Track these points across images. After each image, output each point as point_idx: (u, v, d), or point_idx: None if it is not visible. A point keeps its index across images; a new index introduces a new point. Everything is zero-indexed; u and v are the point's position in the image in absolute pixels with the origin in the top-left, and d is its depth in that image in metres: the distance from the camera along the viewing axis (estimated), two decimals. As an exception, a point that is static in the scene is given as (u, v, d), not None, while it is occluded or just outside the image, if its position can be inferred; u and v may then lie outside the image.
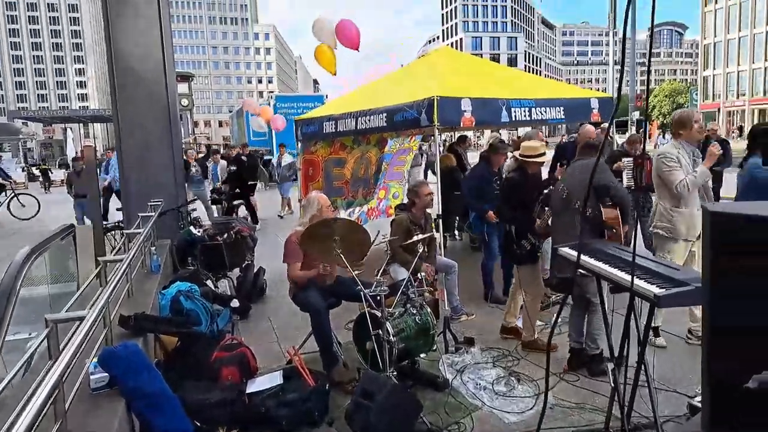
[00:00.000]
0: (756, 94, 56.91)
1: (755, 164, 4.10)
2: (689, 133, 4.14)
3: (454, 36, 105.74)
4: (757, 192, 4.22)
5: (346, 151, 8.39)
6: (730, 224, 1.78)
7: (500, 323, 4.96)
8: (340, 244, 3.70)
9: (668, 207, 4.17)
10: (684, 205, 4.11)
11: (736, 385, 1.88)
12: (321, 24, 6.51)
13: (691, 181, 3.98)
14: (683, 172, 4.03)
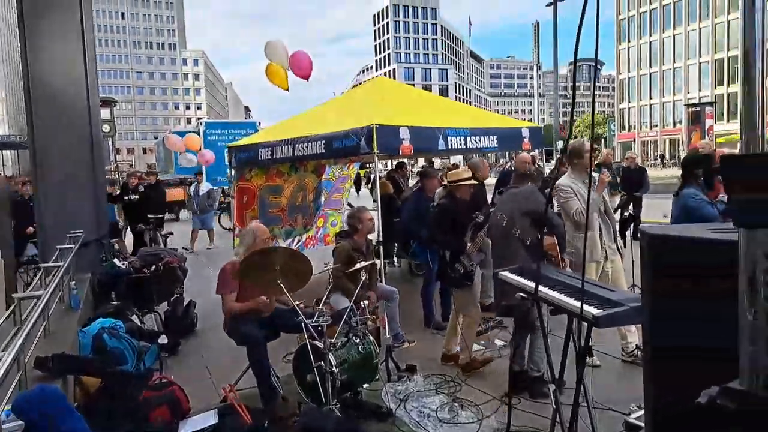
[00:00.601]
0: (666, 126, 61.66)
1: (689, 194, 4.27)
2: (582, 162, 4.42)
3: (387, 66, 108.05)
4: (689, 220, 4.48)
5: (282, 178, 8.27)
6: (666, 246, 1.85)
7: (441, 349, 4.95)
8: (280, 273, 3.57)
9: (572, 234, 4.39)
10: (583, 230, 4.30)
11: (678, 403, 1.94)
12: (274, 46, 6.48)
13: (583, 209, 4.24)
14: (578, 200, 4.30)
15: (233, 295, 4.03)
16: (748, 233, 1.03)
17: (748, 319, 1.04)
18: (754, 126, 1.01)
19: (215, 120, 45.68)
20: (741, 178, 1.02)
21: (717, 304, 1.74)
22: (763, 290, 1.02)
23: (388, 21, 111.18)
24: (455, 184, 4.78)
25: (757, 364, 1.04)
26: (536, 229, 4.02)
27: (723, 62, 55.50)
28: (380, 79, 8.73)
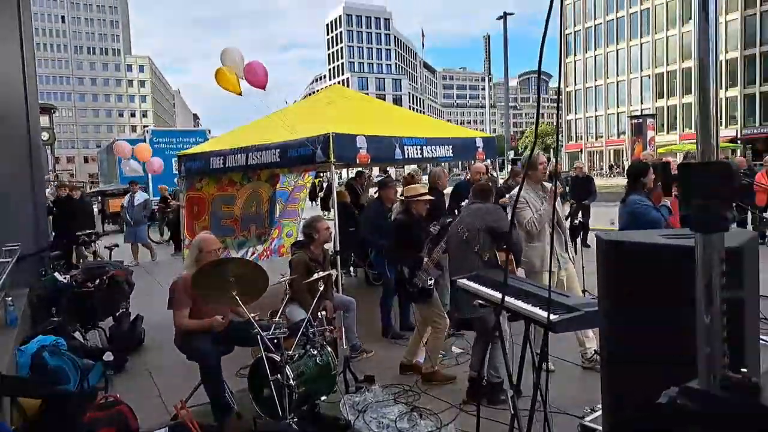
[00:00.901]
0: (611, 137, 64.26)
1: (635, 200, 4.51)
2: (536, 173, 4.58)
3: (341, 75, 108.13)
4: (637, 224, 4.71)
5: (235, 187, 8.09)
6: (620, 252, 1.89)
7: (399, 358, 4.93)
8: (235, 285, 3.47)
9: (525, 243, 4.51)
10: (536, 240, 4.49)
11: (634, 405, 1.98)
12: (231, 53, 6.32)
13: (537, 219, 4.38)
14: (531, 210, 4.43)
15: (186, 311, 3.88)
16: (704, 238, 1.05)
17: (705, 322, 1.06)
18: (708, 135, 1.04)
19: (162, 128, 44.44)
20: (696, 185, 1.04)
21: (671, 307, 1.80)
22: (719, 293, 1.05)
23: (341, 30, 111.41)
24: (412, 199, 4.81)
25: (714, 365, 1.06)
26: (494, 246, 4.12)
27: (663, 76, 58.44)
28: (336, 87, 8.69)
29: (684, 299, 1.79)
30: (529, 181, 4.58)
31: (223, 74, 6.15)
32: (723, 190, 1.01)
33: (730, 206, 1.01)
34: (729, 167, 0.99)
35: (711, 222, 1.03)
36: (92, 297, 5.44)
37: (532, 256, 4.49)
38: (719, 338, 1.05)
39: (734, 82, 51.73)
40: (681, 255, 1.71)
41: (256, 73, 6.18)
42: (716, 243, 1.04)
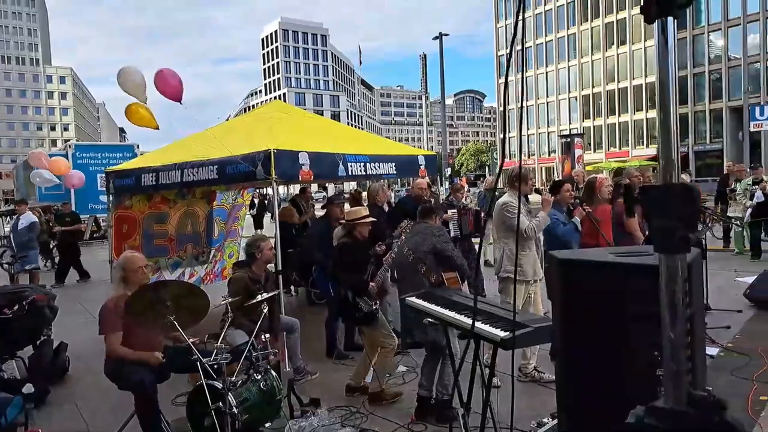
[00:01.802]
0: (543, 155, 67.08)
1: (550, 215, 4.73)
2: (525, 187, 4.67)
3: (277, 90, 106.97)
4: (549, 238, 4.99)
5: (168, 205, 7.73)
6: (573, 269, 1.94)
7: (345, 379, 4.84)
8: (172, 309, 3.28)
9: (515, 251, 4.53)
10: (528, 248, 4.59)
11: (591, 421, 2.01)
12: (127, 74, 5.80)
13: (536, 225, 4.51)
14: (525, 218, 4.54)
15: (118, 335, 3.64)
16: (667, 258, 1.06)
17: (669, 337, 1.07)
18: (670, 153, 1.06)
19: (86, 143, 42.16)
20: (659, 207, 1.06)
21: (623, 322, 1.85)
22: (683, 312, 1.06)
23: (277, 45, 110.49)
24: (354, 222, 4.79)
25: (680, 382, 1.07)
26: (440, 266, 4.17)
27: (589, 98, 61.80)
28: (277, 102, 8.56)
29: (632, 314, 1.86)
30: (514, 193, 4.65)
31: (136, 111, 5.78)
32: (685, 212, 1.03)
33: (693, 228, 1.03)
34: (690, 190, 1.02)
35: (674, 243, 1.04)
36: (10, 324, 4.99)
37: (525, 264, 4.57)
38: (684, 355, 1.06)
39: (654, 104, 55.57)
40: (630, 272, 1.78)
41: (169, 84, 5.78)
42: (679, 263, 1.05)
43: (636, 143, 58.51)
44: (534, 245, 4.65)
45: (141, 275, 3.86)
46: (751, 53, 48.61)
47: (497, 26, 72.05)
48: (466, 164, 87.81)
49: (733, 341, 5.45)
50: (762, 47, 47.73)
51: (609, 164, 48.69)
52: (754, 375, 4.50)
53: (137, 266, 3.88)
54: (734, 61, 49.40)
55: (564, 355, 1.95)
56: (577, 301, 1.81)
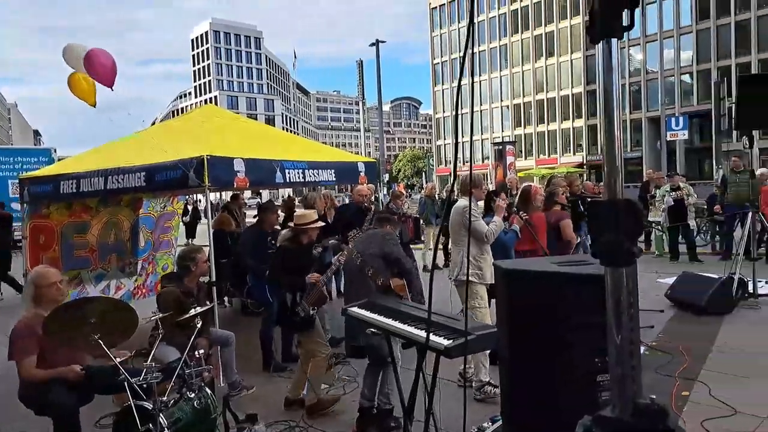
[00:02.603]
0: (477, 162, 68.88)
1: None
2: (479, 192, 4.81)
3: (208, 93, 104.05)
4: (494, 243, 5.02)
5: (90, 213, 7.26)
6: (517, 279, 1.96)
7: (283, 392, 4.71)
8: (97, 327, 3.05)
9: (475, 255, 4.63)
10: (486, 252, 4.67)
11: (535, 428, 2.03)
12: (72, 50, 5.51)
13: (494, 229, 4.60)
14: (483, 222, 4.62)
15: (33, 358, 3.35)
16: (612, 271, 1.08)
17: (616, 343, 1.09)
18: (615, 167, 1.07)
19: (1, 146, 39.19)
20: (604, 221, 1.07)
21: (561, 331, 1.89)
22: (627, 320, 1.08)
23: (208, 46, 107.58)
24: (303, 227, 4.68)
25: (625, 389, 1.08)
26: (388, 271, 4.14)
27: (520, 107, 64.19)
28: (210, 107, 8.29)
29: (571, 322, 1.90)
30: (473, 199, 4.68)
31: (79, 82, 5.43)
32: (629, 226, 1.05)
33: (636, 241, 1.05)
34: (634, 205, 1.04)
35: (619, 257, 1.06)
36: None
37: (484, 267, 4.63)
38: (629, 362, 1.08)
39: (579, 114, 58.47)
40: (568, 282, 1.83)
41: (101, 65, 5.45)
42: (625, 275, 1.07)
43: (564, 151, 61.31)
44: (490, 249, 4.73)
45: (55, 292, 3.58)
46: (667, 67, 52.29)
47: (432, 35, 73.60)
48: (404, 170, 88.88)
49: (656, 340, 5.75)
50: (676, 62, 51.42)
51: (539, 171, 50.79)
52: (677, 372, 4.75)
53: (51, 282, 3.60)
54: (652, 75, 52.88)
55: (506, 365, 1.96)
56: (518, 310, 1.83)
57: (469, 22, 1.34)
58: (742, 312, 6.66)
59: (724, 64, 47.71)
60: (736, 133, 27.26)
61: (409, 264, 4.41)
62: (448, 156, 73.57)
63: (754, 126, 6.88)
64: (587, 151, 58.49)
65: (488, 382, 4.54)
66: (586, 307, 1.63)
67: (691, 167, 43.91)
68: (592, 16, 1.07)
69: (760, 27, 46.29)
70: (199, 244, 12.81)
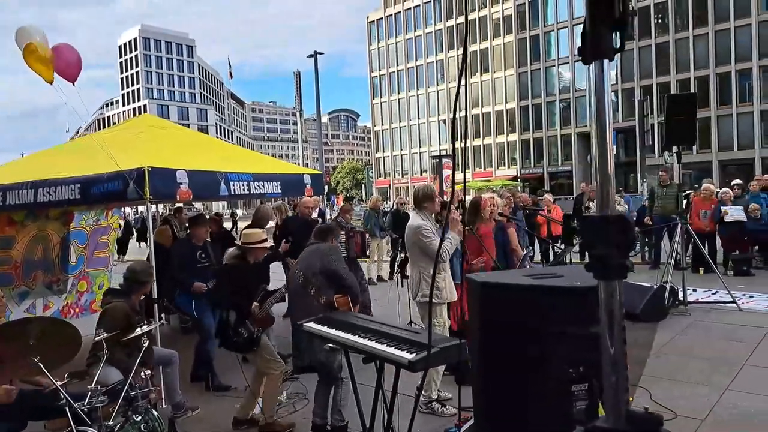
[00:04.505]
0: (415, 174, 69.92)
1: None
2: (432, 205, 4.59)
3: (137, 102, 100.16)
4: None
5: (14, 227, 6.79)
6: (490, 292, 1.99)
7: (230, 411, 4.55)
8: (36, 349, 2.83)
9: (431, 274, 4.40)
10: (444, 270, 4.48)
11: None
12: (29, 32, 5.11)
13: (449, 248, 4.40)
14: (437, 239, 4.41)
15: (-41, 385, 3.07)
16: (605, 284, 1.12)
17: (610, 353, 1.12)
18: (608, 185, 1.11)
19: None
20: (597, 236, 1.11)
21: (539, 341, 1.93)
22: (620, 330, 1.12)
23: (136, 53, 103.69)
24: (250, 246, 4.57)
25: (619, 398, 1.11)
26: (331, 288, 4.06)
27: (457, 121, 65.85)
28: (148, 116, 7.97)
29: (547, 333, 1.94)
30: (425, 213, 4.55)
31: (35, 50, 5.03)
32: (621, 240, 1.09)
33: (627, 255, 1.09)
34: (626, 220, 1.08)
35: (612, 270, 1.10)
36: None
37: (442, 286, 4.44)
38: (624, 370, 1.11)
39: (513, 129, 60.69)
40: (543, 293, 1.88)
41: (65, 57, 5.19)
42: (616, 287, 1.11)
43: (499, 164, 63.30)
44: (448, 267, 4.60)
45: None
46: (594, 85, 55.18)
47: (370, 48, 74.34)
48: (342, 182, 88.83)
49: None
50: (604, 80, 54.39)
51: (475, 183, 52.09)
52: None
53: None
54: (580, 92, 55.59)
55: (477, 377, 1.98)
56: (490, 322, 1.86)
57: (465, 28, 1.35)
58: (674, 319, 7.00)
59: (646, 83, 50.87)
60: (658, 149, 29.18)
61: (350, 280, 4.29)
62: (387, 168, 74.17)
63: (682, 142, 7.33)
64: (521, 165, 60.69)
65: (437, 398, 4.49)
66: (561, 319, 1.67)
67: (618, 180, 46.60)
68: (583, 39, 1.12)
69: (678, 49, 49.77)
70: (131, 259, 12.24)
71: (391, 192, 68.11)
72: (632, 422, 1.09)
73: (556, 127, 58.16)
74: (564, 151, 57.96)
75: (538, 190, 30.99)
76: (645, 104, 19.59)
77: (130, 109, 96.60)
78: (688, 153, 43.54)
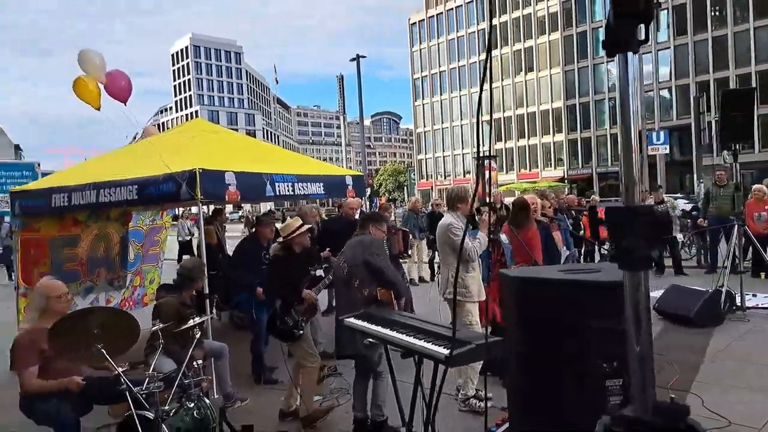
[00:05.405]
0: (458, 176, 69.34)
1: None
2: (465, 206, 4.63)
3: (189, 108, 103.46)
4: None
5: (79, 227, 7.23)
6: (525, 286, 2.03)
7: (276, 404, 4.71)
8: (100, 337, 3.06)
9: (462, 273, 4.45)
10: (473, 269, 4.52)
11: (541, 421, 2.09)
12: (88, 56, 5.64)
13: (478, 246, 4.46)
14: (468, 239, 4.45)
15: (34, 370, 3.33)
16: (631, 275, 1.15)
17: (635, 350, 1.15)
18: (632, 176, 1.14)
19: (-17, 160, 38.43)
20: (623, 227, 1.15)
21: (575, 336, 1.95)
22: (646, 322, 1.15)
23: (188, 62, 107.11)
24: (290, 236, 4.70)
25: (646, 390, 1.15)
26: (373, 280, 4.09)
27: (500, 121, 64.91)
28: (200, 121, 8.29)
29: (583, 328, 1.97)
30: (458, 213, 4.61)
31: (84, 85, 5.50)
32: (647, 232, 1.12)
33: (653, 246, 1.13)
34: (653, 211, 1.11)
35: (637, 260, 1.13)
36: None
37: (471, 284, 4.48)
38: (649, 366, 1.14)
39: (560, 128, 59.35)
40: (578, 288, 1.90)
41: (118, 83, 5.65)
42: (642, 279, 1.15)
43: (545, 165, 62.00)
44: (478, 266, 4.61)
45: (64, 303, 3.62)
46: (645, 82, 53.24)
47: (412, 50, 74.31)
48: (385, 185, 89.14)
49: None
50: (654, 77, 52.43)
51: (520, 185, 51.25)
52: (669, 384, 4.65)
53: (60, 294, 3.63)
54: (631, 89, 53.73)
55: (514, 373, 2.03)
56: (526, 318, 1.90)
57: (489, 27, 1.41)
58: (730, 324, 6.68)
59: (703, 79, 48.75)
60: (717, 147, 27.89)
61: (392, 274, 4.29)
62: (429, 170, 73.88)
63: (737, 139, 7.04)
64: (568, 165, 59.20)
65: (474, 395, 4.49)
66: (596, 314, 1.70)
67: (672, 182, 44.78)
68: (607, 32, 1.13)
69: (737, 42, 47.49)
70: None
71: (433, 194, 67.86)
72: (659, 412, 1.12)
73: (605, 126, 56.46)
74: (614, 151, 56.23)
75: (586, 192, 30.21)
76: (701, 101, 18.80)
77: (183, 115, 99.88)
78: (749, 152, 41.47)
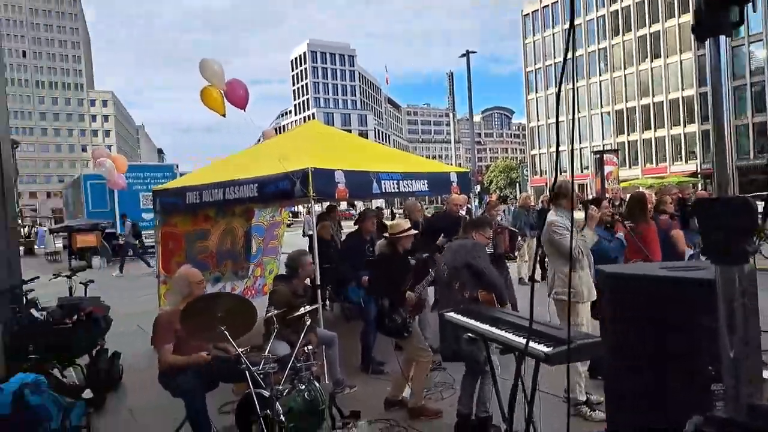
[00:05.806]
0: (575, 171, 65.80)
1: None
2: (568, 202, 4.48)
3: (306, 111, 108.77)
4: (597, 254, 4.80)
5: (209, 222, 8.01)
6: (622, 283, 1.97)
7: (382, 393, 4.89)
8: (223, 320, 3.42)
9: (567, 272, 4.22)
10: (581, 268, 4.31)
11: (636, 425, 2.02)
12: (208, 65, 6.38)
13: (582, 245, 4.26)
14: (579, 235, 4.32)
15: (170, 347, 3.80)
16: (723, 270, 1.10)
17: (729, 355, 1.09)
18: (724, 166, 1.10)
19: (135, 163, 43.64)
20: (717, 219, 1.10)
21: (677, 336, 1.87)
22: (741, 321, 1.10)
23: (306, 67, 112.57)
24: (397, 236, 4.85)
25: (739, 397, 1.09)
26: (475, 283, 4.10)
27: (623, 113, 60.65)
28: (313, 123, 8.77)
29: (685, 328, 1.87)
30: (561, 209, 4.44)
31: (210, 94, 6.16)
32: (742, 224, 1.07)
33: (750, 239, 1.07)
34: (748, 202, 1.05)
35: (732, 254, 1.07)
36: (70, 334, 5.24)
37: (579, 284, 4.29)
38: (744, 371, 1.08)
39: (692, 118, 54.12)
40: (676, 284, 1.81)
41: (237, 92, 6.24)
42: (736, 275, 1.08)
43: (674, 159, 56.99)
44: (587, 264, 4.38)
45: (203, 287, 4.12)
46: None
47: (525, 42, 71.86)
48: (496, 181, 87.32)
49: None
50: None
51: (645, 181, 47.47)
52: None
53: (199, 280, 4.15)
54: (777, 73, 47.77)
55: (611, 374, 1.98)
56: (623, 316, 1.84)
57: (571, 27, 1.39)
58: None
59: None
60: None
61: (494, 277, 4.24)
62: (543, 166, 71.12)
63: None
64: (702, 159, 53.70)
65: (584, 401, 4.34)
66: (699, 313, 1.62)
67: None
68: (697, 14, 1.04)
69: None
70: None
71: (547, 190, 65.19)
72: (753, 415, 1.06)
73: (747, 114, 50.51)
74: (758, 141, 50.21)
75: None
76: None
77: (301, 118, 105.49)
78: None
